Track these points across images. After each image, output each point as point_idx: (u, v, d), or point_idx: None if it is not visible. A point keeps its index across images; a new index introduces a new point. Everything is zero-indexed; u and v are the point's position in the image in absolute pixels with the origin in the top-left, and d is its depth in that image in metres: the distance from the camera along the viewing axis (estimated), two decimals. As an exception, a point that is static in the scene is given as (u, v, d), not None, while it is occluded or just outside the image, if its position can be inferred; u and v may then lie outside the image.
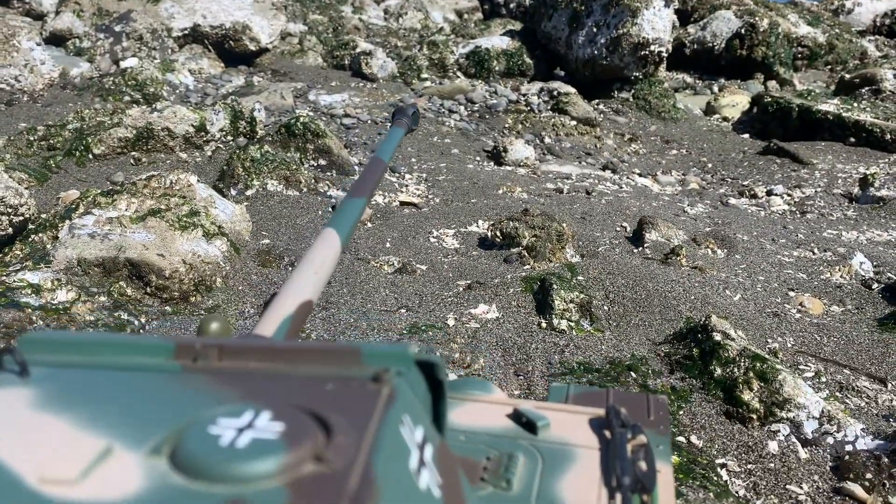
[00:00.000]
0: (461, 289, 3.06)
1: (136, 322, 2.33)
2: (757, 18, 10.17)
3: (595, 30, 8.18)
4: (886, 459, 2.06)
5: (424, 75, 8.60)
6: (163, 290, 2.50)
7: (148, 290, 2.49)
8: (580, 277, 3.15)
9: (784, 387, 2.20)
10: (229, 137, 4.64)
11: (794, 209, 5.45)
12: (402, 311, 2.79)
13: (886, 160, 6.46)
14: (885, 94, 8.36)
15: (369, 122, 6.46)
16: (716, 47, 10.22)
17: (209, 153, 4.46)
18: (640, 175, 6.24)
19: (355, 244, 3.50)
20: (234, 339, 0.69)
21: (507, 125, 7.06)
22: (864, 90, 8.59)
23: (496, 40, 9.22)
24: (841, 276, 3.68)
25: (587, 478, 0.73)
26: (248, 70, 8.13)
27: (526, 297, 3.01)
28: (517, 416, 0.82)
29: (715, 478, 1.97)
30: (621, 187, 5.48)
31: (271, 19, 8.57)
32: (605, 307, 3.00)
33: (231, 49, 8.21)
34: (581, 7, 8.28)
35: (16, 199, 3.05)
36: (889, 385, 2.67)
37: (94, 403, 0.54)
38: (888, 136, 6.72)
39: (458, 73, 8.82)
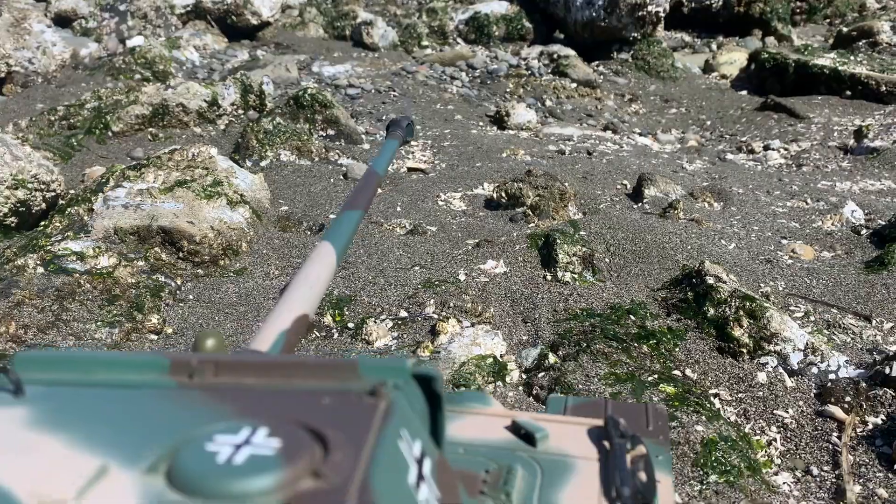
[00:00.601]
0: (470, 247, 3.25)
1: (173, 283, 2.53)
2: (754, -26, 10.17)
3: (593, -9, 8.24)
4: (864, 384, 2.26)
5: (425, 43, 8.70)
6: (194, 255, 2.70)
7: (180, 254, 2.69)
8: (582, 233, 3.33)
9: (771, 322, 2.39)
10: (240, 111, 4.80)
11: (791, 163, 5.60)
12: (416, 268, 2.98)
13: (882, 112, 6.57)
14: (882, 46, 8.43)
15: (373, 91, 6.59)
16: (713, 5, 10.23)
17: (222, 127, 4.62)
18: (640, 135, 6.38)
19: (368, 211, 3.68)
20: (230, 354, 0.70)
21: (508, 90, 7.19)
22: (861, 43, 8.65)
23: (495, 5, 9.28)
24: (832, 224, 3.85)
25: (586, 489, 0.73)
26: (251, 44, 8.25)
27: (531, 253, 3.19)
28: (516, 428, 0.82)
29: (708, 405, 2.17)
30: (622, 147, 5.63)
31: (272, -8, 8.66)
32: (607, 259, 3.19)
33: (234, 24, 8.32)
34: (578, -31, 8.34)
35: (47, 176, 3.23)
36: (874, 321, 2.86)
37: (90, 422, 0.54)
38: (883, 88, 6.83)
39: (458, 40, 8.92)
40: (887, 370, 2.25)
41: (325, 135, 4.68)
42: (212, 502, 0.44)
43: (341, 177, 4.08)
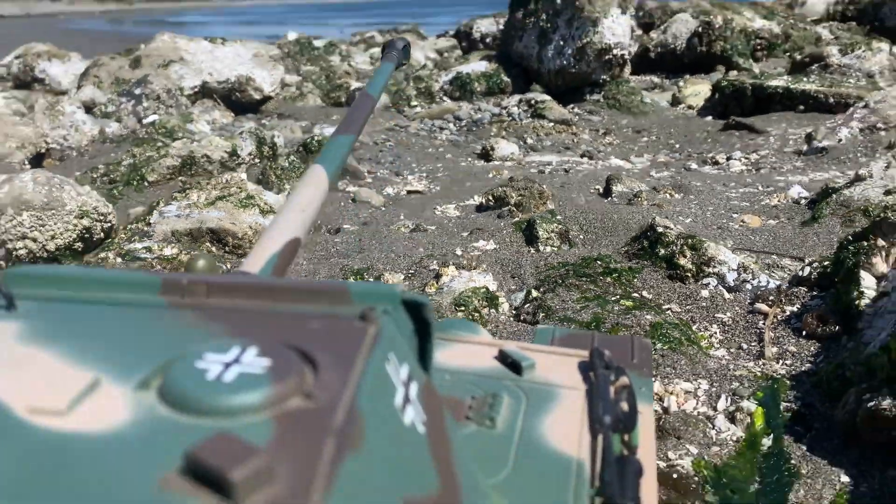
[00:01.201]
0: (465, 235, 3.84)
1: (224, 267, 3.11)
2: (712, 17, 11.07)
3: (562, 43, 9.06)
4: (785, 286, 2.81)
5: (414, 103, 9.48)
6: (238, 248, 3.29)
7: (227, 249, 3.27)
8: (559, 217, 3.92)
9: (709, 251, 2.96)
10: (256, 160, 5.46)
11: (750, 168, 6.22)
12: (420, 249, 3.56)
13: (831, 120, 7.24)
14: (832, 67, 9.20)
15: (371, 143, 7.29)
16: (677, 48, 11.08)
17: (243, 175, 5.27)
18: (616, 158, 7.03)
19: (374, 220, 4.28)
20: (221, 275, 0.77)
21: (492, 133, 7.88)
22: (814, 67, 9.43)
23: (475, 65, 10.12)
24: (778, 201, 4.44)
25: (569, 417, 0.74)
26: (255, 117, 9.01)
27: (517, 235, 3.77)
28: (503, 357, 0.84)
29: (662, 311, 2.72)
30: (597, 167, 6.27)
31: (271, 70, 9.50)
32: (581, 235, 3.77)
33: (238, 100, 9.11)
34: (547, 25, 9.18)
35: (104, 209, 3.86)
36: (806, 260, 3.41)
37: (82, 337, 0.54)
38: (831, 100, 7.53)
39: (444, 98, 9.70)
40: (801, 273, 2.80)
41: (332, 172, 5.33)
42: (201, 418, 0.44)
43: (350, 200, 4.70)
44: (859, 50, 9.52)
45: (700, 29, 10.83)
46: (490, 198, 4.39)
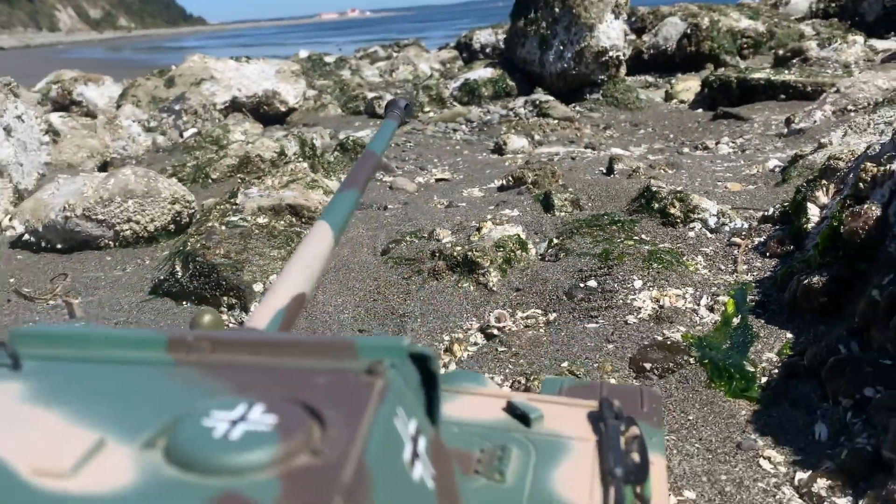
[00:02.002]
0: (491, 208, 4.58)
1: (304, 232, 3.86)
2: (699, 19, 11.86)
3: (562, 48, 9.84)
4: (755, 225, 3.55)
5: (427, 109, 10.26)
6: (311, 219, 4.04)
7: (302, 219, 4.03)
8: (570, 190, 4.66)
9: (693, 202, 3.70)
10: (300, 158, 6.22)
11: (736, 150, 6.96)
12: (458, 217, 4.31)
13: (810, 106, 7.99)
14: (811, 60, 9.96)
15: (393, 145, 8.05)
16: (668, 49, 11.86)
17: (304, 164, 6.04)
18: (616, 148, 7.78)
19: (412, 201, 5.03)
20: (227, 331, 0.73)
21: (502, 132, 8.65)
22: (794, 60, 10.19)
23: (481, 72, 10.91)
24: (757, 171, 5.18)
25: (580, 470, 0.73)
26: (282, 127, 9.80)
27: (536, 205, 4.52)
28: (511, 409, 0.82)
29: (656, 246, 3.46)
30: (599, 155, 7.02)
31: (294, 84, 10.30)
32: (589, 203, 4.51)
33: (265, 112, 9.91)
34: (547, 32, 9.96)
35: (190, 197, 4.62)
36: (770, 210, 4.15)
37: (87, 397, 0.54)
38: (809, 89, 8.29)
39: (454, 104, 10.48)
40: (767, 213, 3.54)
41: (367, 167, 6.10)
42: (208, 477, 0.44)
43: (388, 187, 5.46)
44: (836, 43, 10.30)
45: (689, 30, 11.62)
46: (510, 178, 5.14)
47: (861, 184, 2.56)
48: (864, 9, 13.64)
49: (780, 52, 11.00)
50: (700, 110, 9.15)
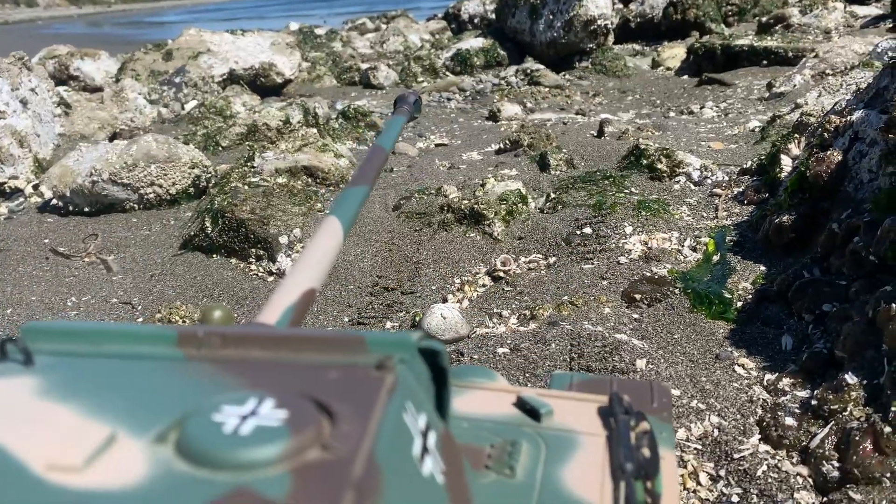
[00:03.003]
0: (491, 169, 4.90)
1: (320, 191, 4.17)
2: (685, -13, 12.10)
3: (551, 17, 10.10)
4: (734, 177, 3.89)
5: (420, 79, 10.51)
6: (325, 180, 4.34)
7: (317, 180, 4.33)
8: (564, 151, 4.98)
9: (678, 157, 4.03)
10: (304, 126, 6.49)
11: (720, 114, 7.29)
12: (460, 177, 4.63)
13: (790, 71, 8.32)
14: (793, 27, 10.27)
15: (389, 114, 8.33)
16: (655, 17, 12.11)
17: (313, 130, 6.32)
18: (604, 114, 8.09)
19: (415, 164, 5.33)
20: (237, 327, 0.72)
21: (496, 100, 8.93)
22: (777, 27, 10.49)
23: (472, 42, 11.15)
24: (738, 131, 5.51)
25: (590, 464, 0.73)
26: (279, 98, 10.03)
27: (532, 165, 4.84)
28: (521, 404, 0.83)
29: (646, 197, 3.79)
30: (589, 120, 7.34)
31: (289, 56, 10.51)
32: (582, 162, 4.83)
33: (262, 84, 10.13)
34: (537, 1, 10.20)
35: (207, 162, 4.91)
36: (748, 164, 4.48)
37: (99, 392, 0.55)
38: (790, 54, 8.60)
39: (447, 73, 10.73)
40: (745, 166, 3.88)
41: (369, 134, 6.37)
42: (219, 472, 0.44)
43: (392, 153, 5.76)
44: (817, 10, 10.60)
45: (675, -2, 11.87)
46: (506, 142, 5.45)
47: (825, 133, 2.89)
48: (846, -25, 13.89)
49: (764, 18, 11.30)
50: (686, 77, 9.45)
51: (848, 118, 2.80)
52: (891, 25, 9.16)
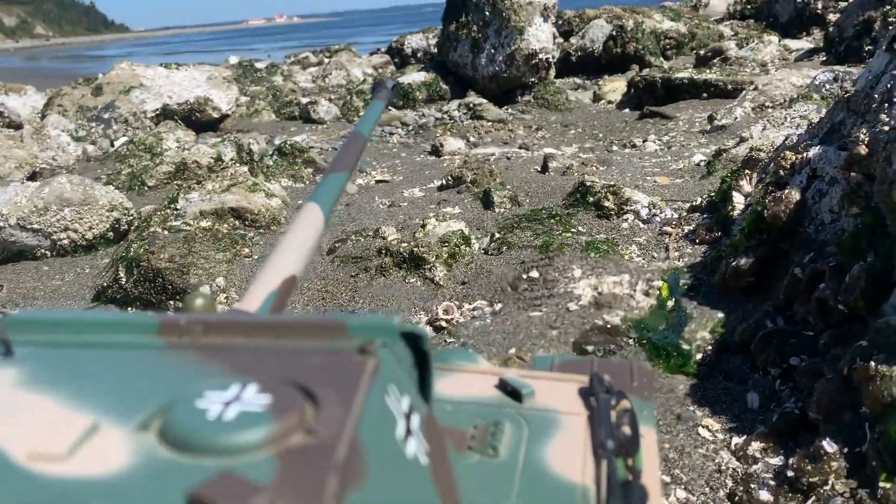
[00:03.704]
0: (433, 206, 4.68)
1: (249, 234, 3.87)
2: (624, 21, 12.24)
3: (493, 51, 10.03)
4: (684, 214, 3.74)
5: (363, 113, 10.29)
6: (255, 222, 4.05)
7: (246, 223, 4.03)
8: (508, 187, 4.79)
9: (626, 194, 3.87)
10: (237, 164, 6.19)
11: (663, 147, 7.24)
12: (401, 216, 4.39)
13: (730, 104, 8.37)
14: (731, 60, 10.41)
15: (330, 149, 8.07)
16: (595, 51, 12.18)
17: (244, 168, 6.01)
18: (548, 148, 7.99)
19: (354, 202, 5.08)
20: (219, 314, 0.72)
21: (438, 134, 8.76)
22: (715, 60, 10.63)
23: (414, 76, 11.01)
24: (683, 165, 5.42)
25: (572, 443, 0.74)
26: (216, 134, 9.69)
27: (476, 203, 4.63)
28: (502, 385, 0.83)
29: (593, 237, 3.61)
30: (533, 154, 7.20)
31: (226, 90, 10.20)
32: (527, 199, 4.65)
33: (198, 119, 9.77)
34: (478, 35, 10.13)
35: (128, 204, 4.57)
36: (698, 200, 4.36)
37: (80, 381, 0.54)
38: (730, 87, 8.67)
39: (389, 108, 10.55)
40: (695, 203, 3.74)
41: (306, 171, 6.11)
42: (203, 458, 0.44)
43: (329, 190, 5.50)
44: (753, 43, 10.79)
45: (614, 32, 11.97)
46: (449, 178, 5.24)
47: (781, 171, 2.75)
48: (778, 10, 14.30)
49: (702, 52, 11.46)
50: (627, 110, 9.45)
51: (804, 154, 2.66)
52: (824, 59, 9.35)
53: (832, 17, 11.38)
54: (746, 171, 3.39)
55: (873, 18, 8.42)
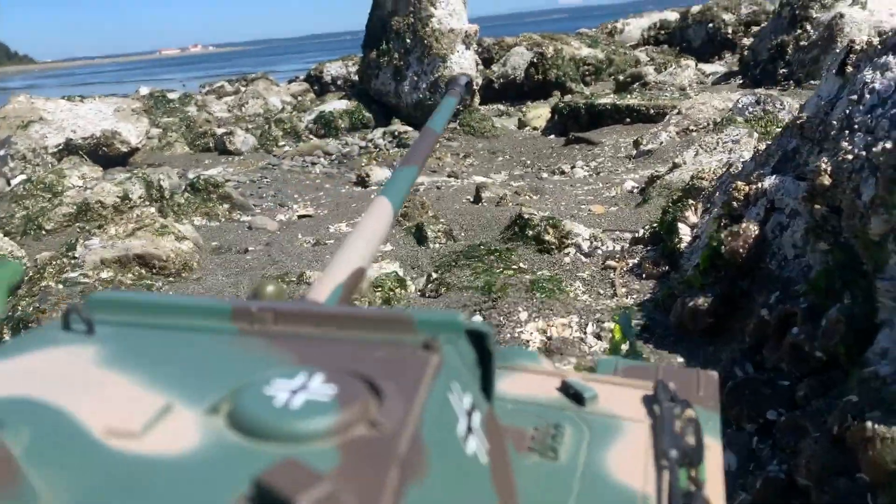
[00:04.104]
0: (362, 243, 4.38)
1: (157, 284, 3.48)
2: (543, 48, 12.29)
3: (416, 78, 9.85)
4: (626, 245, 3.56)
5: (282, 143, 9.92)
6: (164, 269, 3.66)
7: (154, 270, 3.64)
8: (442, 220, 4.55)
9: (566, 227, 3.67)
10: (147, 202, 5.75)
11: (591, 173, 7.16)
12: (327, 256, 4.07)
13: (654, 128, 8.40)
14: (650, 85, 10.53)
15: (248, 182, 7.68)
16: (517, 78, 12.18)
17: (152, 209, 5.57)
18: (478, 176, 7.81)
19: (275, 241, 4.74)
20: (289, 303, 0.72)
21: (363, 163, 8.48)
22: (635, 85, 10.74)
23: (336, 104, 10.71)
24: (616, 193, 5.30)
25: (634, 451, 0.72)
26: (125, 169, 9.12)
27: (409, 238, 4.36)
28: (565, 388, 0.82)
29: (536, 275, 3.39)
30: (463, 183, 7.00)
31: (135, 123, 9.65)
32: (462, 233, 4.41)
33: (106, 154, 9.19)
34: (400, 63, 9.94)
35: (20, 252, 4.11)
36: (640, 232, 4.22)
37: (156, 362, 0.56)
38: (652, 112, 8.71)
39: (311, 136, 10.21)
40: (637, 235, 3.57)
41: (222, 207, 5.71)
42: (268, 444, 0.45)
43: (247, 228, 5.13)
44: (671, 68, 10.97)
45: (535, 59, 11.99)
46: (377, 212, 4.96)
47: (734, 202, 2.59)
48: (690, 35, 14.68)
49: (621, 77, 11.58)
50: (553, 136, 9.39)
51: (758, 185, 2.50)
52: (741, 81, 9.53)
53: (746, 41, 11.71)
54: (691, 200, 3.24)
55: (786, 42, 8.63)
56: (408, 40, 9.74)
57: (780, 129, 5.91)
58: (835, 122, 2.26)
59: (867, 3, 8.32)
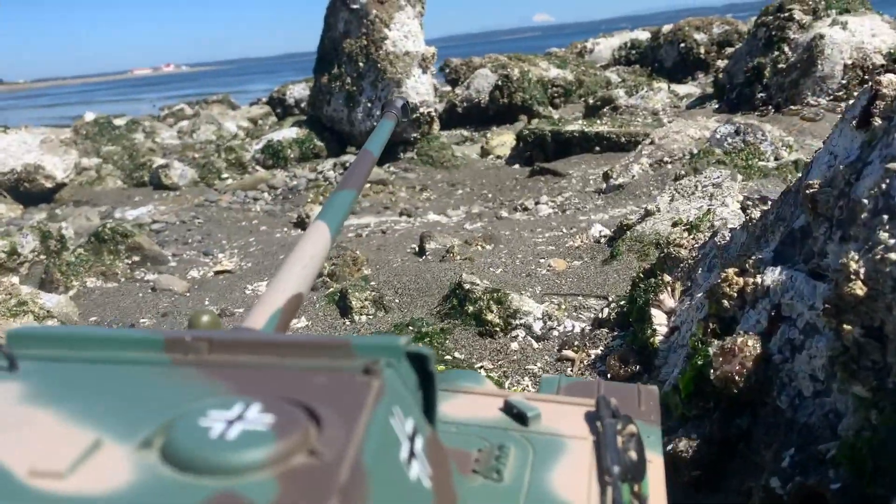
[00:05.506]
0: (274, 315, 3.64)
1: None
2: (509, 70, 11.68)
3: (370, 105, 9.15)
4: (588, 329, 2.86)
5: (225, 175, 9.16)
6: (8, 364, 2.92)
7: None
8: (373, 283, 3.83)
9: (513, 303, 2.97)
10: (42, 257, 4.96)
11: (557, 210, 6.49)
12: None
13: (625, 158, 7.77)
14: (621, 109, 9.93)
15: (177, 223, 6.91)
16: (482, 101, 11.56)
17: (25, 273, 4.77)
18: (433, 214, 7.11)
19: (176, 309, 3.99)
20: (224, 332, 0.69)
21: (309, 199, 7.74)
22: (605, 109, 10.13)
23: (286, 132, 9.98)
24: (581, 241, 4.62)
25: (578, 468, 0.72)
26: (49, 206, 8.32)
27: (330, 307, 3.64)
28: (508, 408, 0.81)
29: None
30: (414, 225, 6.29)
31: (63, 155, 8.84)
32: (396, 299, 3.69)
33: (27, 190, 8.38)
34: (353, 88, 9.25)
35: None
36: (610, 298, 3.53)
37: (84, 397, 0.53)
38: (623, 139, 8.08)
39: (258, 168, 9.46)
40: (601, 315, 2.87)
41: (131, 261, 4.95)
42: (204, 477, 0.43)
43: (150, 289, 4.37)
44: (643, 90, 10.38)
45: (500, 82, 11.37)
46: (301, 270, 4.23)
47: (724, 300, 1.90)
48: (662, 55, 14.16)
49: (591, 100, 10.97)
50: (517, 166, 8.73)
51: (757, 280, 1.82)
52: (717, 106, 8.95)
53: (720, 62, 11.17)
54: (666, 277, 2.55)
55: (763, 65, 8.06)
56: (360, 64, 9.05)
57: (762, 168, 5.29)
58: (865, 202, 1.58)
59: (847, 23, 7.78)
